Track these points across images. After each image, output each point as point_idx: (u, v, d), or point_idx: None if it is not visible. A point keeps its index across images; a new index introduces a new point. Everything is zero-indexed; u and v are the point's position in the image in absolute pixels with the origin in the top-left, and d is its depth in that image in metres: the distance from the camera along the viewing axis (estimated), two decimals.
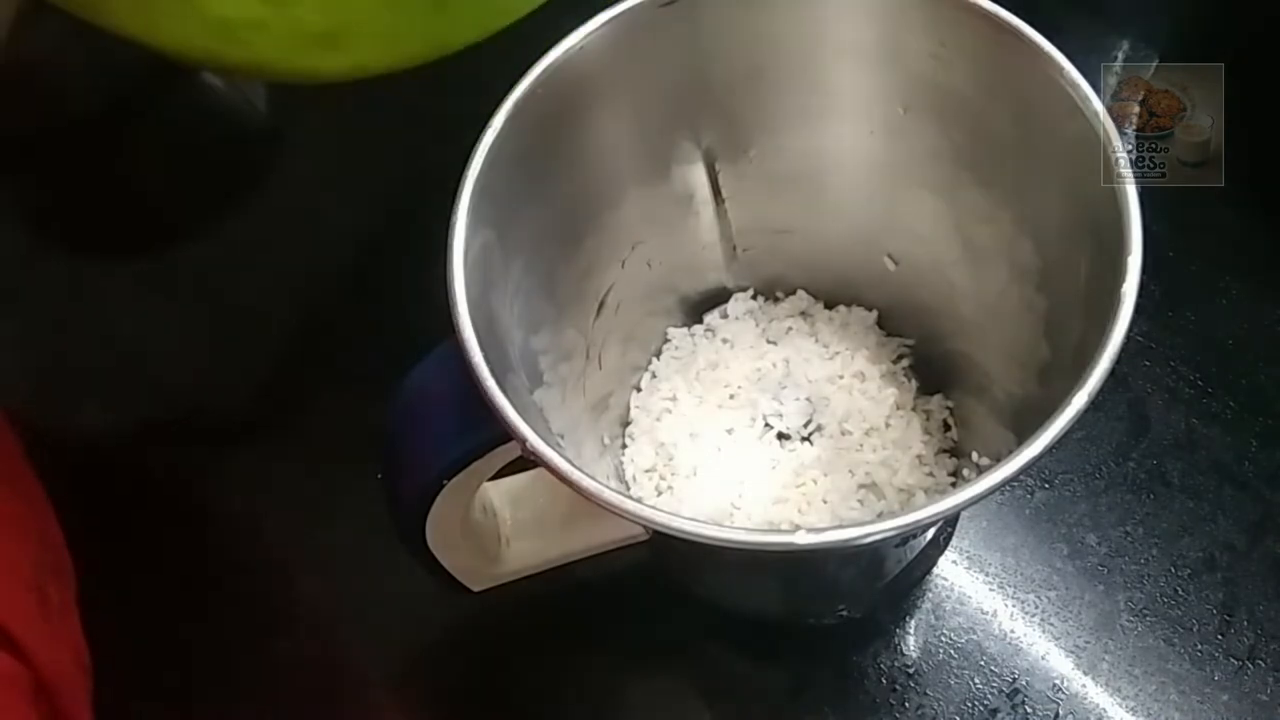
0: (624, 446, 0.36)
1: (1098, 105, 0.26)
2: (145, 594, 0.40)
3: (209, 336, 0.46)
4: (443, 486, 0.27)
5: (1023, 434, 0.23)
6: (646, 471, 0.35)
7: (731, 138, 0.33)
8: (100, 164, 0.51)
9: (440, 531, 0.29)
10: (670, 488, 0.35)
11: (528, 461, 0.24)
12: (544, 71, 0.28)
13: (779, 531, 0.26)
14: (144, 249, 0.50)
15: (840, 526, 0.22)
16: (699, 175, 0.34)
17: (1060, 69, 0.27)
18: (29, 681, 0.27)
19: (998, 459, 0.22)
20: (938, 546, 0.37)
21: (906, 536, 0.32)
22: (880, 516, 0.31)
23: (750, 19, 0.30)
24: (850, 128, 0.33)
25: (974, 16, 0.28)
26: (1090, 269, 0.27)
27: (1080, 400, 0.23)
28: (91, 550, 0.34)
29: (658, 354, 0.37)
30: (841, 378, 0.36)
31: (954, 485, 0.33)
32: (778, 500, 0.34)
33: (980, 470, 0.27)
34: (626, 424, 0.37)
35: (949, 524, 0.37)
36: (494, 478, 0.29)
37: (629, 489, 0.35)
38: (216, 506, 0.42)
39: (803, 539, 0.22)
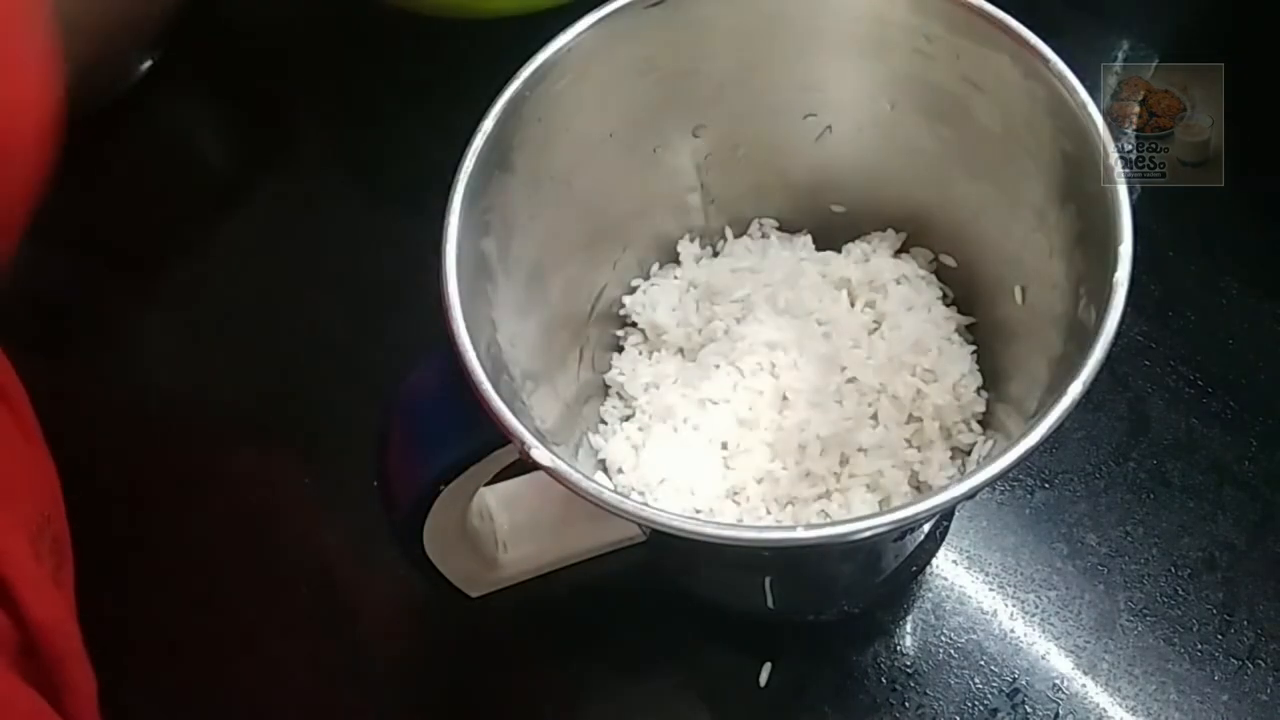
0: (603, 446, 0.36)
1: (1084, 95, 0.26)
2: (144, 594, 0.40)
3: (209, 337, 0.46)
4: (439, 492, 0.27)
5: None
6: (633, 469, 0.35)
7: (721, 137, 0.33)
8: (100, 164, 0.51)
9: (437, 538, 0.29)
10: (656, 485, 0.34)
11: (523, 465, 0.24)
12: (533, 74, 0.28)
13: (778, 528, 0.26)
14: (144, 250, 0.50)
15: (838, 522, 0.22)
16: (689, 174, 0.34)
17: (1046, 60, 0.27)
18: (14, 641, 0.27)
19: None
20: (935, 540, 0.37)
21: (904, 530, 0.32)
22: (882, 505, 0.31)
23: (738, 18, 0.30)
24: (839, 125, 0.33)
25: (959, 10, 0.28)
26: (1084, 260, 0.27)
27: (1075, 389, 0.23)
28: (90, 550, 0.33)
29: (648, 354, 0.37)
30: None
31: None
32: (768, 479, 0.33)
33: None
34: (626, 418, 0.36)
35: (945, 518, 0.37)
36: (489, 482, 0.29)
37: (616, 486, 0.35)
38: (216, 506, 0.42)
39: (801, 534, 0.22)
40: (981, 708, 0.35)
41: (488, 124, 0.28)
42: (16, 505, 0.29)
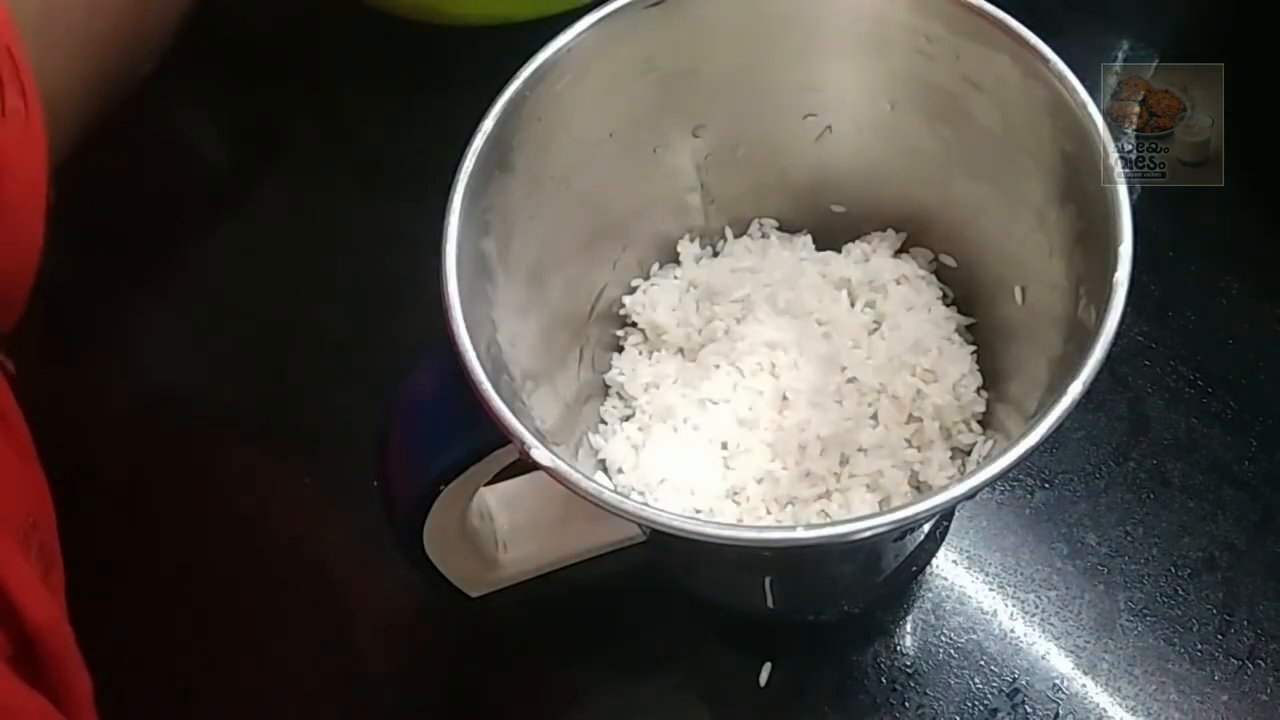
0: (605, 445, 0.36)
1: (1084, 95, 0.26)
2: (144, 594, 0.40)
3: (209, 337, 0.46)
4: (439, 492, 0.27)
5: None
6: (633, 469, 0.35)
7: (721, 137, 0.33)
8: (100, 164, 0.51)
9: (438, 538, 0.29)
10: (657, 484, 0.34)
11: (523, 465, 0.24)
12: (533, 74, 0.28)
13: (778, 528, 0.26)
14: (144, 250, 0.50)
15: (838, 522, 0.22)
16: (689, 174, 0.34)
17: (1046, 60, 0.27)
18: (8, 647, 0.27)
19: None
20: (935, 540, 0.37)
21: (904, 530, 0.32)
22: (882, 505, 0.31)
23: (738, 18, 0.30)
24: (839, 125, 0.33)
25: (959, 10, 0.28)
26: (1084, 260, 0.27)
27: (1075, 389, 0.23)
28: (90, 550, 0.34)
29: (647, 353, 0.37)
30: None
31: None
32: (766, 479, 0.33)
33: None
34: (626, 418, 0.36)
35: (945, 518, 0.37)
36: (489, 482, 0.29)
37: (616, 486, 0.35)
38: (216, 506, 0.42)
39: (801, 534, 0.22)
40: (981, 708, 0.35)
41: (488, 124, 0.28)
42: (3, 510, 0.29)
